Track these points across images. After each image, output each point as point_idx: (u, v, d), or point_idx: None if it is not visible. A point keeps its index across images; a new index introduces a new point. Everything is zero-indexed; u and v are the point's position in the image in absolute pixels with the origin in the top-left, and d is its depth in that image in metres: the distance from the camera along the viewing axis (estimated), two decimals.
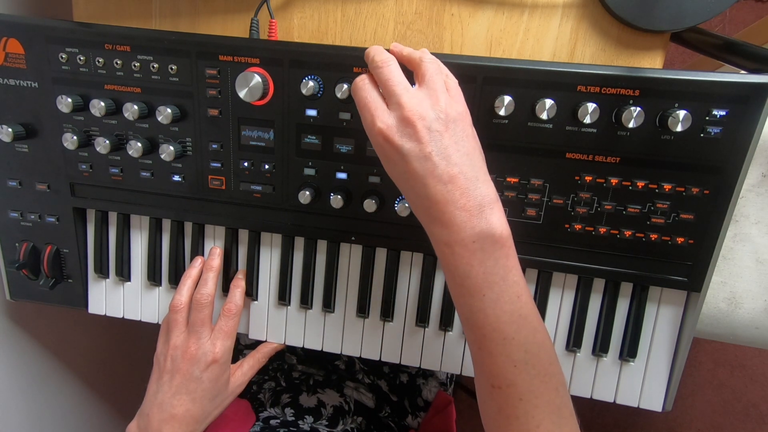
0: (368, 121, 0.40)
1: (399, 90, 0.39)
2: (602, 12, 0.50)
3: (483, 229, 0.38)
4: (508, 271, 0.39)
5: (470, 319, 0.39)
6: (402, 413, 0.76)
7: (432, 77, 0.40)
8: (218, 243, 0.58)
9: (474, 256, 0.38)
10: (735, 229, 0.59)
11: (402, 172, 0.39)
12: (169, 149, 0.51)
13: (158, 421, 0.50)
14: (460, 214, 0.38)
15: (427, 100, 0.39)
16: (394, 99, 0.39)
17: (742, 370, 1.33)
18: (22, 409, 0.71)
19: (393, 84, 0.39)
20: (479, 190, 0.38)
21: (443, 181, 0.38)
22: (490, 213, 0.38)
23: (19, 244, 0.59)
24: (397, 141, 0.38)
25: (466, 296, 0.39)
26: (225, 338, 0.53)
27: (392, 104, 0.39)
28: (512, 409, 0.39)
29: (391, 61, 0.41)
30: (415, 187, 0.39)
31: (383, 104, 0.40)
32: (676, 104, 0.44)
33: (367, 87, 0.41)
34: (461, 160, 0.38)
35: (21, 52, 0.52)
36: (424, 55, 0.42)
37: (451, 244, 0.38)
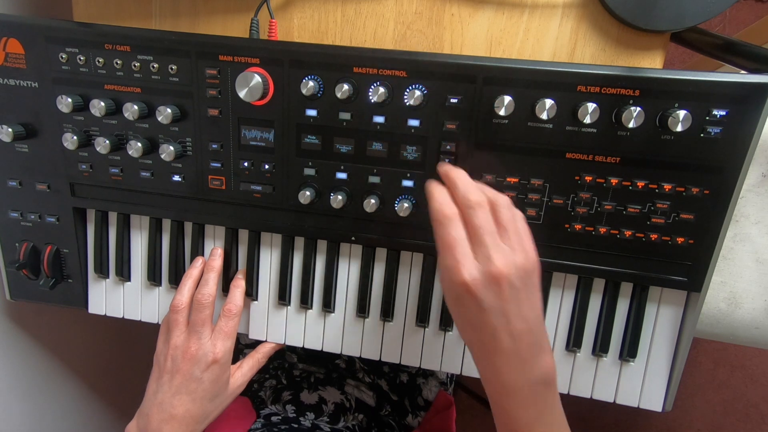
0: (450, 266, 0.39)
1: (490, 242, 0.39)
2: (602, 12, 0.50)
3: (538, 376, 0.40)
4: (554, 406, 0.41)
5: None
6: (402, 412, 0.76)
7: (509, 224, 0.40)
8: (218, 243, 0.58)
9: (529, 399, 0.40)
10: (735, 229, 0.59)
11: (473, 320, 0.40)
12: (169, 149, 0.51)
13: (158, 421, 0.50)
14: (522, 365, 0.39)
15: (511, 256, 0.39)
16: (484, 250, 0.39)
17: (742, 370, 1.33)
18: (22, 409, 0.71)
19: (485, 233, 0.39)
20: (538, 340, 0.40)
21: (512, 335, 0.39)
22: (544, 359, 0.40)
23: (19, 244, 0.59)
24: (479, 295, 0.38)
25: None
26: (225, 339, 0.53)
27: (480, 254, 0.39)
28: None
29: (485, 204, 0.40)
30: (481, 335, 0.40)
31: (471, 252, 0.39)
32: (676, 104, 0.44)
33: (455, 225, 0.40)
34: (531, 314, 0.40)
35: (21, 52, 0.52)
36: (498, 198, 0.42)
37: (510, 391, 0.40)
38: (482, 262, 0.39)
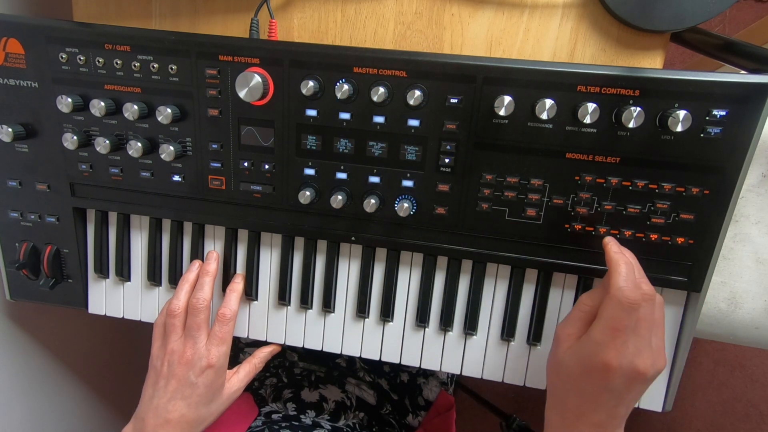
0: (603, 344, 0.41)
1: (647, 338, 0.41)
2: (602, 12, 0.50)
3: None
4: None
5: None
6: (403, 412, 0.76)
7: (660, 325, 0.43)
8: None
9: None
10: (735, 229, 0.59)
11: (585, 392, 0.42)
12: (169, 149, 0.51)
13: (153, 425, 0.50)
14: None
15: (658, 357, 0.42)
16: (639, 343, 0.41)
17: (742, 370, 1.33)
18: (22, 409, 0.71)
19: (646, 328, 0.41)
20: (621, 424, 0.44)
21: (611, 416, 0.42)
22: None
23: (19, 244, 0.59)
24: (613, 379, 0.41)
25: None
26: (220, 344, 0.53)
27: (633, 345, 0.41)
28: None
29: (653, 299, 0.42)
30: (585, 405, 0.43)
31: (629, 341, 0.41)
32: (676, 104, 0.44)
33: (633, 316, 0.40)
34: (632, 405, 0.44)
35: (21, 52, 0.52)
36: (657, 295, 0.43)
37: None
38: (633, 352, 0.40)
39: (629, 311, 0.40)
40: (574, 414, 0.43)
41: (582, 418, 0.43)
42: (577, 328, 0.44)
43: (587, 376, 0.42)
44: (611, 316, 0.40)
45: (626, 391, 0.41)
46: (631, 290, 0.40)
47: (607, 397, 0.41)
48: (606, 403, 0.42)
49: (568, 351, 0.44)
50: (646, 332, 0.41)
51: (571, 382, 0.43)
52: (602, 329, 0.41)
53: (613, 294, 0.41)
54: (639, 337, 0.41)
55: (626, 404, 0.42)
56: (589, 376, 0.42)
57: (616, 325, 0.40)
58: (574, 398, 0.43)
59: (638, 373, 0.40)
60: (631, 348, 0.40)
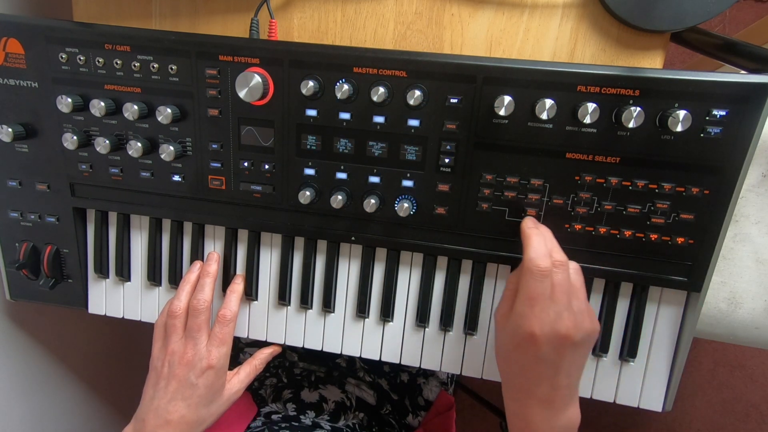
0: (525, 314, 0.42)
1: (564, 301, 0.42)
2: (602, 12, 0.50)
3: (565, 424, 0.43)
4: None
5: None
6: (403, 412, 0.76)
7: (580, 288, 0.44)
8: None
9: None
10: (735, 229, 0.59)
11: (524, 366, 0.43)
12: (169, 149, 0.51)
13: (153, 426, 0.50)
14: (553, 413, 0.43)
15: (580, 318, 0.42)
16: (557, 308, 0.42)
17: (742, 370, 1.33)
18: (22, 409, 0.71)
19: (561, 292, 0.42)
20: (574, 396, 0.44)
21: (554, 387, 0.42)
22: (573, 411, 0.44)
23: (19, 244, 0.59)
24: (542, 348, 0.42)
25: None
26: (220, 345, 0.53)
27: (553, 312, 0.42)
28: None
29: (565, 266, 0.44)
30: (526, 379, 0.43)
31: (549, 308, 0.42)
32: (676, 104, 0.44)
33: (546, 282, 0.42)
34: (575, 373, 0.44)
35: (21, 52, 0.52)
36: (571, 262, 0.45)
37: (535, 431, 0.43)
38: (553, 318, 0.41)
39: (541, 279, 0.42)
40: (521, 392, 0.44)
41: (529, 395, 0.43)
42: (507, 307, 0.45)
43: (518, 350, 0.43)
44: (526, 286, 0.42)
45: (558, 357, 0.42)
46: (541, 259, 0.42)
47: (544, 368, 0.42)
48: (544, 374, 0.42)
49: (501, 331, 0.45)
50: (563, 297, 0.42)
51: (510, 360, 0.45)
52: (521, 301, 0.43)
53: (526, 266, 0.43)
54: (556, 302, 0.42)
55: (566, 372, 0.42)
56: (520, 348, 0.43)
57: (532, 294, 0.42)
58: (517, 376, 0.44)
59: (562, 337, 0.41)
60: (551, 314, 0.41)
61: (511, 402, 0.46)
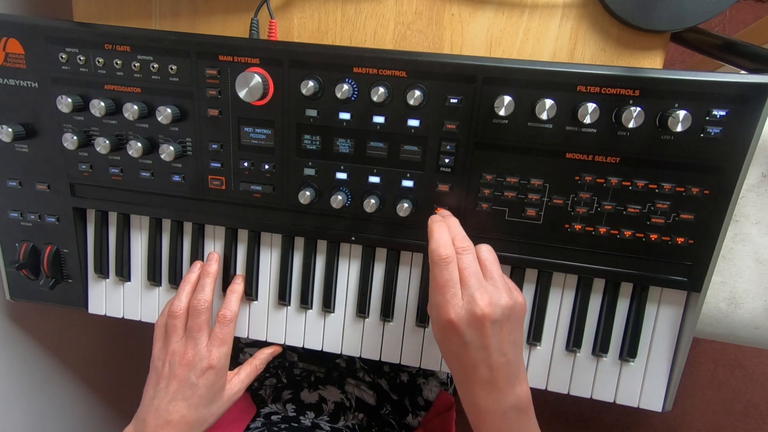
0: (439, 304, 0.43)
1: (474, 282, 0.42)
2: (602, 12, 0.50)
3: (513, 403, 0.43)
4: (529, 428, 0.44)
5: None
6: (402, 412, 0.76)
7: (492, 264, 0.44)
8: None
9: (503, 424, 0.43)
10: (735, 229, 0.59)
11: (455, 352, 0.43)
12: (169, 149, 0.51)
13: (154, 426, 0.50)
14: (497, 393, 0.43)
15: (495, 295, 0.42)
16: (469, 290, 0.42)
17: (742, 370, 1.33)
18: (22, 409, 0.71)
19: (470, 274, 0.43)
20: (515, 371, 0.44)
21: (491, 367, 0.42)
22: (520, 389, 0.44)
23: (19, 244, 0.59)
24: (462, 331, 0.42)
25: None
26: (220, 345, 0.53)
27: (466, 294, 0.42)
28: None
29: (470, 249, 0.44)
30: (463, 366, 0.43)
31: (460, 292, 0.42)
32: (676, 104, 0.44)
33: (451, 267, 0.43)
34: (510, 349, 0.43)
35: (21, 52, 0.52)
36: (481, 244, 0.46)
37: (484, 414, 0.43)
38: (468, 302, 0.42)
39: (445, 266, 0.42)
40: (464, 380, 0.44)
41: (470, 380, 0.43)
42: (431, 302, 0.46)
43: (445, 339, 0.44)
44: (434, 276, 0.43)
45: (482, 338, 0.42)
46: (442, 248, 0.43)
47: (473, 351, 0.42)
48: (476, 357, 0.42)
49: (433, 326, 0.46)
50: (473, 279, 0.42)
51: (444, 350, 0.45)
52: (433, 292, 0.44)
53: (430, 257, 0.44)
54: (467, 286, 0.42)
55: (498, 351, 0.42)
56: (446, 337, 0.43)
57: (441, 282, 0.42)
58: (455, 365, 0.45)
59: (479, 318, 0.41)
60: (464, 297, 0.42)
61: (461, 391, 0.45)
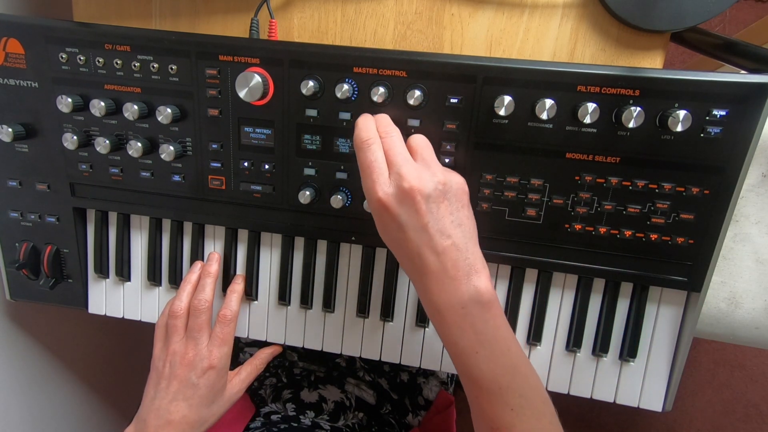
0: (368, 186, 0.41)
1: (400, 160, 0.41)
2: (602, 12, 0.50)
3: (471, 295, 0.40)
4: (496, 329, 0.41)
5: (467, 374, 0.41)
6: (403, 411, 0.76)
7: (424, 149, 0.43)
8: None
9: (465, 320, 0.40)
10: (735, 229, 0.59)
11: (397, 239, 0.41)
12: (169, 149, 0.51)
13: (155, 426, 0.50)
14: (450, 283, 0.40)
15: (426, 171, 0.41)
16: (395, 168, 0.40)
17: (742, 370, 1.33)
18: (22, 409, 0.71)
19: (395, 153, 0.41)
20: (468, 259, 0.40)
21: (436, 251, 0.40)
22: (477, 280, 0.40)
23: (19, 244, 0.59)
24: (395, 210, 0.40)
25: (462, 356, 0.41)
26: (221, 345, 0.53)
27: (393, 173, 0.41)
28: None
29: (395, 132, 0.43)
30: (409, 254, 0.41)
31: (386, 171, 0.41)
32: (676, 104, 0.44)
33: (374, 149, 0.42)
34: (454, 231, 0.40)
35: (21, 52, 0.52)
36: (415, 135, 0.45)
37: (442, 311, 0.40)
38: (395, 179, 0.40)
39: (367, 148, 0.41)
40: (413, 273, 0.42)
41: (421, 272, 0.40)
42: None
43: (382, 225, 0.42)
44: (359, 161, 0.42)
45: (416, 216, 0.39)
46: (364, 131, 0.42)
47: (412, 233, 0.39)
48: (418, 240, 0.39)
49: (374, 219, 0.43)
50: (399, 158, 0.41)
51: (387, 241, 0.43)
52: (363, 177, 0.42)
53: (354, 144, 0.43)
54: (393, 164, 0.41)
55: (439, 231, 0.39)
56: (382, 222, 0.41)
57: (365, 164, 0.41)
58: (400, 256, 0.42)
59: (408, 190, 0.39)
60: (391, 176, 0.40)
61: (420, 294, 0.42)
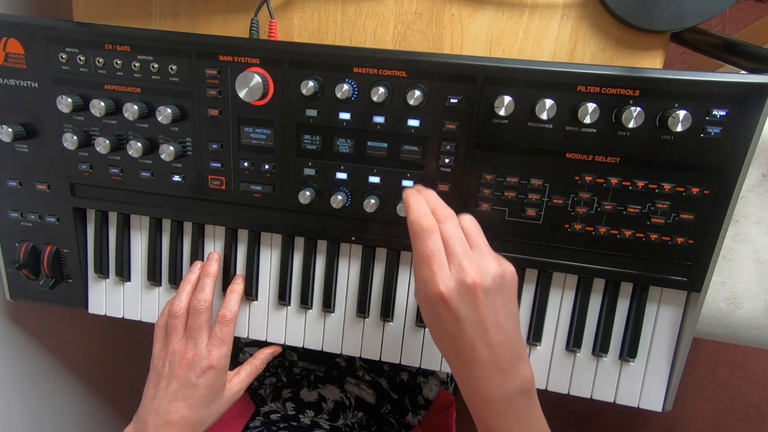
0: (427, 278, 0.39)
1: (460, 250, 0.40)
2: (602, 12, 0.50)
3: (517, 386, 0.40)
4: (536, 415, 0.41)
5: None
6: (402, 411, 0.76)
7: (477, 234, 0.42)
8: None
9: (508, 409, 0.40)
10: (735, 229, 0.59)
11: (450, 332, 0.40)
12: (169, 149, 0.51)
13: (154, 426, 0.50)
14: (499, 375, 0.39)
15: (485, 263, 0.40)
16: (456, 260, 0.39)
17: (742, 370, 1.33)
18: (22, 409, 0.71)
19: (456, 243, 0.40)
20: (517, 350, 0.40)
21: (489, 345, 0.39)
22: (522, 369, 0.40)
23: (19, 244, 0.59)
24: (455, 305, 0.39)
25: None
26: (220, 345, 0.53)
27: (453, 265, 0.39)
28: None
29: (452, 217, 0.42)
30: (459, 347, 0.40)
31: (447, 263, 0.39)
32: (676, 104, 0.44)
33: (433, 237, 0.40)
34: (507, 324, 0.40)
35: (21, 52, 0.52)
36: (463, 213, 0.43)
37: (487, 401, 0.40)
38: (456, 272, 0.39)
39: (428, 237, 0.40)
40: (463, 366, 0.41)
41: (471, 364, 0.40)
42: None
43: (437, 318, 0.40)
44: (418, 249, 0.40)
45: (476, 311, 0.39)
46: (423, 218, 0.40)
47: (469, 328, 0.39)
48: (472, 334, 0.39)
49: (421, 308, 0.42)
50: (459, 247, 0.40)
51: (437, 333, 0.42)
52: (418, 266, 0.40)
53: (411, 229, 0.41)
54: (453, 255, 0.40)
55: (495, 326, 0.39)
56: (437, 315, 0.40)
57: (425, 254, 0.40)
58: (450, 349, 0.41)
59: (470, 287, 0.38)
60: (452, 268, 0.39)
61: (460, 380, 0.42)
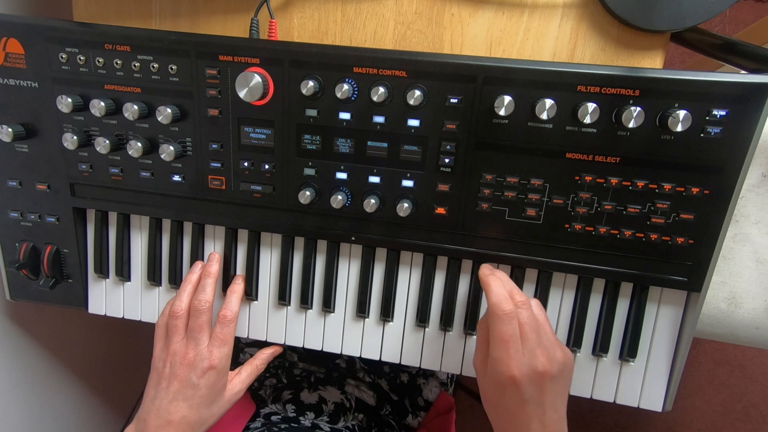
0: (502, 359, 0.43)
1: (535, 338, 0.43)
2: (602, 12, 0.50)
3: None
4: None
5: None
6: (402, 412, 0.76)
7: (545, 323, 0.45)
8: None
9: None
10: (735, 229, 0.59)
11: (511, 409, 0.43)
12: (169, 149, 0.51)
13: (155, 426, 0.50)
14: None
15: (553, 352, 0.43)
16: (530, 346, 0.43)
17: (742, 370, 1.33)
18: (22, 409, 0.71)
19: (530, 330, 0.43)
20: (564, 428, 0.44)
21: (544, 424, 0.43)
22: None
23: (19, 244, 0.59)
24: (524, 388, 0.42)
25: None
26: (221, 345, 0.53)
27: (527, 350, 0.43)
28: None
29: (528, 303, 0.45)
30: (515, 423, 0.43)
31: (521, 348, 0.43)
32: (676, 104, 0.44)
33: (514, 324, 0.43)
34: (561, 406, 0.44)
35: (21, 52, 0.52)
36: (532, 300, 0.47)
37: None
38: (528, 357, 0.43)
39: (509, 321, 0.43)
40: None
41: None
42: (483, 354, 0.46)
43: (503, 395, 0.44)
44: (496, 330, 0.43)
45: (541, 394, 0.43)
46: (505, 302, 0.43)
47: (530, 408, 0.42)
48: (532, 414, 0.42)
49: (482, 378, 0.46)
50: (532, 334, 0.43)
51: (498, 406, 0.45)
52: (495, 346, 0.43)
53: (492, 311, 0.44)
54: (527, 341, 0.43)
55: (552, 407, 0.43)
56: (504, 393, 0.43)
57: (504, 337, 0.43)
58: (506, 421, 0.44)
59: (541, 374, 0.42)
60: (525, 354, 0.43)
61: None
